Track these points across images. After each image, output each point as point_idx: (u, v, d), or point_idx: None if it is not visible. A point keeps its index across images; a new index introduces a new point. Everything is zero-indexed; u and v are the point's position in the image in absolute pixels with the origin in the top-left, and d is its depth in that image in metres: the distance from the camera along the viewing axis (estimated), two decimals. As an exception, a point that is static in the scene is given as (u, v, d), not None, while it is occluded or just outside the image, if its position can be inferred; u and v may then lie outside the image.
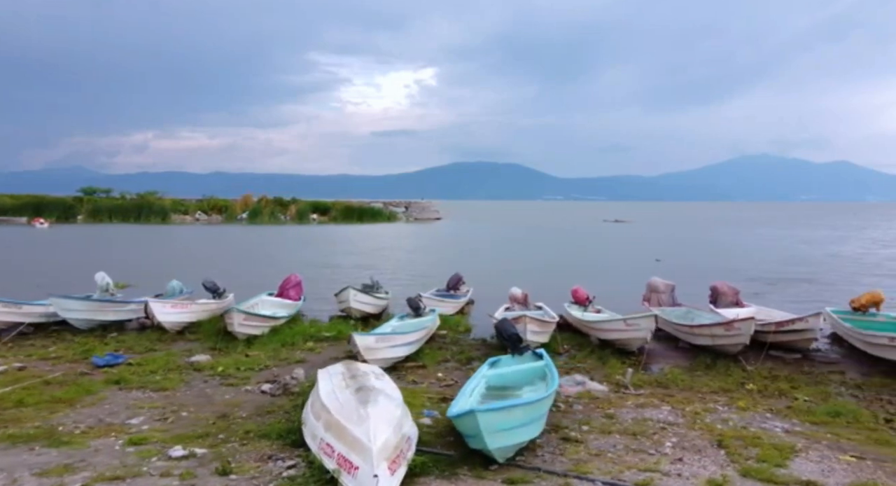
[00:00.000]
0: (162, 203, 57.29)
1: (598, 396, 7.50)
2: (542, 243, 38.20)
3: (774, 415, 6.96)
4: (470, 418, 4.83)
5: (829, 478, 5.14)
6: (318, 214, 60.03)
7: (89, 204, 54.73)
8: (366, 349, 7.81)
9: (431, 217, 67.29)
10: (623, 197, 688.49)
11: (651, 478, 5.01)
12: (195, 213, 58.44)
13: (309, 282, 15.75)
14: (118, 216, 53.12)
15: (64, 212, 52.54)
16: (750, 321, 9.02)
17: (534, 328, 9.09)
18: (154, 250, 29.81)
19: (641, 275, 14.86)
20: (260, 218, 56.63)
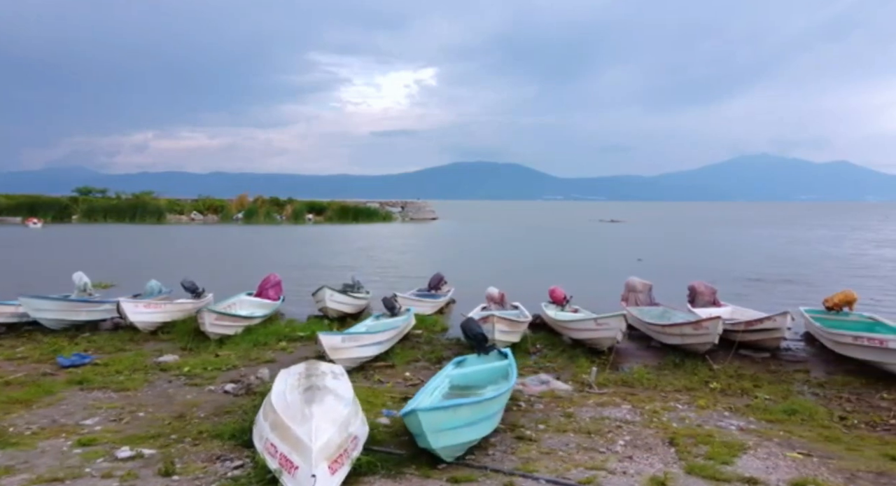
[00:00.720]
0: (157, 203, 57.34)
1: (561, 395, 7.55)
2: (534, 243, 38.29)
3: (732, 413, 7.02)
4: (413, 417, 4.87)
5: (772, 475, 5.19)
6: (313, 215, 60.09)
7: (84, 204, 54.76)
8: (332, 349, 7.85)
9: (427, 217, 67.32)
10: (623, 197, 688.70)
11: (596, 476, 5.06)
12: (191, 213, 58.52)
13: (294, 282, 15.83)
14: (113, 216, 53.18)
15: (59, 212, 52.59)
16: (717, 321, 9.08)
17: (502, 328, 9.14)
18: (143, 249, 29.85)
19: (624, 275, 14.89)
20: (255, 218, 56.71)
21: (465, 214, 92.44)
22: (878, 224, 63.54)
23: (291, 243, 34.43)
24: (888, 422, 6.71)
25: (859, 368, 8.72)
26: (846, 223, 65.08)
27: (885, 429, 6.55)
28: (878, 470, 5.37)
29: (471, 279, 17.07)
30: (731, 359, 9.32)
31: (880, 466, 5.47)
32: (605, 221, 67.74)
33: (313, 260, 24.21)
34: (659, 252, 29.84)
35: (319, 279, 14.25)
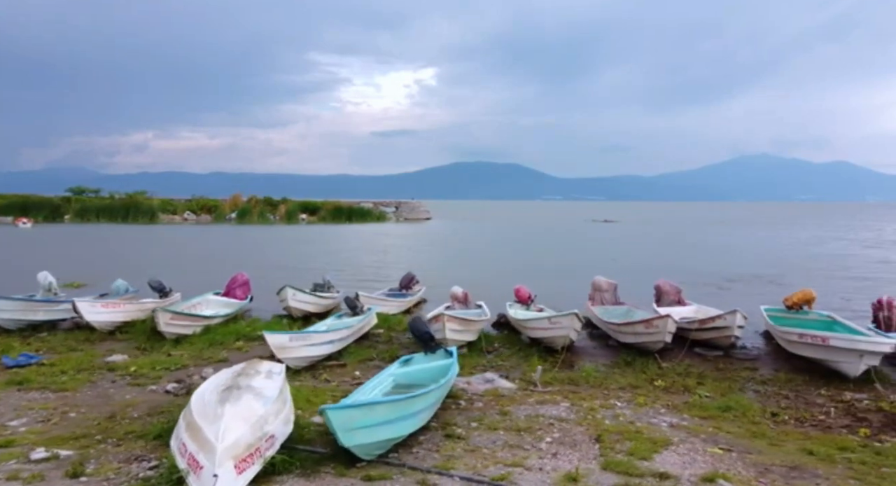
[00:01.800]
0: (150, 203, 57.38)
1: (504, 394, 7.62)
2: (522, 243, 38.39)
3: (669, 410, 7.11)
4: (324, 416, 4.92)
5: (686, 470, 5.27)
6: (307, 215, 60.15)
7: (77, 204, 54.81)
8: (279, 348, 7.92)
9: (421, 217, 67.38)
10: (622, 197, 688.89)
11: (511, 472, 5.12)
12: (184, 213, 58.57)
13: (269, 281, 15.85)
14: (106, 216, 53.21)
15: (51, 212, 52.66)
16: (666, 319, 9.17)
17: (453, 327, 9.20)
18: (128, 249, 29.90)
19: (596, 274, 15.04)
20: (248, 218, 56.79)
21: (461, 214, 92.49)
22: (874, 224, 63.43)
23: (280, 243, 34.50)
24: (817, 418, 6.81)
25: (807, 365, 8.82)
26: (842, 224, 65.02)
27: (812, 425, 6.65)
28: (791, 464, 5.46)
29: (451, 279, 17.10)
30: (682, 357, 9.44)
31: (795, 460, 5.56)
32: (598, 222, 67.79)
33: (298, 260, 24.27)
34: (643, 252, 29.94)
35: (299, 279, 14.33)
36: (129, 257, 24.44)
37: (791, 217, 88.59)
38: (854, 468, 5.39)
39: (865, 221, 71.45)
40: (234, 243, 34.90)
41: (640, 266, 21.62)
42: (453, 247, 34.64)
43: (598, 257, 27.07)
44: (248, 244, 34.25)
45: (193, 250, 29.93)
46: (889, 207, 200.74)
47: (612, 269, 20.21)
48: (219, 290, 12.87)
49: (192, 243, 34.56)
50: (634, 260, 24.97)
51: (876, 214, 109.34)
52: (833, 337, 8.11)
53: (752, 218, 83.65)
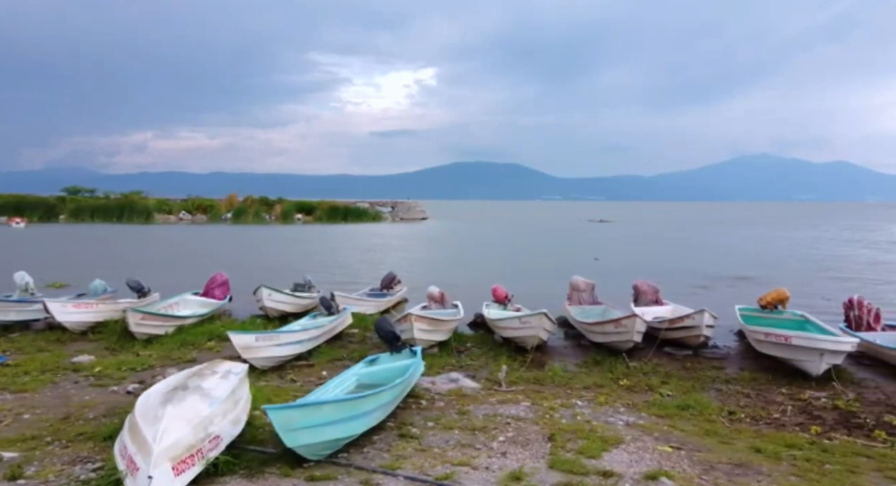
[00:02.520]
0: (145, 203, 57.44)
1: (467, 393, 7.66)
2: (515, 243, 38.44)
3: (628, 409, 7.14)
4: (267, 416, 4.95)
5: (632, 468, 5.31)
6: (303, 214, 60.21)
7: (72, 204, 54.88)
8: (244, 348, 7.95)
9: (417, 217, 67.41)
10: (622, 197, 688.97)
11: (456, 472, 5.14)
12: (179, 213, 58.64)
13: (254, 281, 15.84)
14: (101, 216, 53.30)
15: (46, 212, 52.72)
16: (634, 319, 9.21)
17: (422, 327, 9.24)
18: (118, 249, 29.95)
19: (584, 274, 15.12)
20: (244, 218, 56.88)
21: (458, 214, 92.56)
22: (872, 225, 63.32)
23: (271, 243, 34.54)
24: (772, 416, 6.85)
25: (773, 364, 8.87)
26: (839, 224, 64.96)
27: (766, 423, 6.69)
28: (737, 462, 5.51)
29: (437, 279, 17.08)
30: (651, 356, 9.48)
31: (742, 458, 5.61)
32: (594, 222, 67.89)
33: (286, 260, 24.30)
34: (634, 252, 30.01)
35: (285, 279, 14.35)
36: (117, 257, 24.49)
37: (789, 217, 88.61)
38: (798, 465, 5.44)
39: (863, 222, 71.41)
40: (225, 243, 34.97)
41: (626, 266, 21.67)
42: (445, 247, 34.69)
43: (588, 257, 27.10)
44: (239, 244, 34.32)
45: (183, 250, 29.97)
46: (889, 207, 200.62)
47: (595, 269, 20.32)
48: (198, 290, 12.89)
49: (183, 243, 34.61)
50: (623, 260, 25.05)
51: (875, 214, 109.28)
52: (795, 336, 8.17)
53: (749, 218, 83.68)
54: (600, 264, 22.16)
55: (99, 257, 24.26)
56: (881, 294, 16.46)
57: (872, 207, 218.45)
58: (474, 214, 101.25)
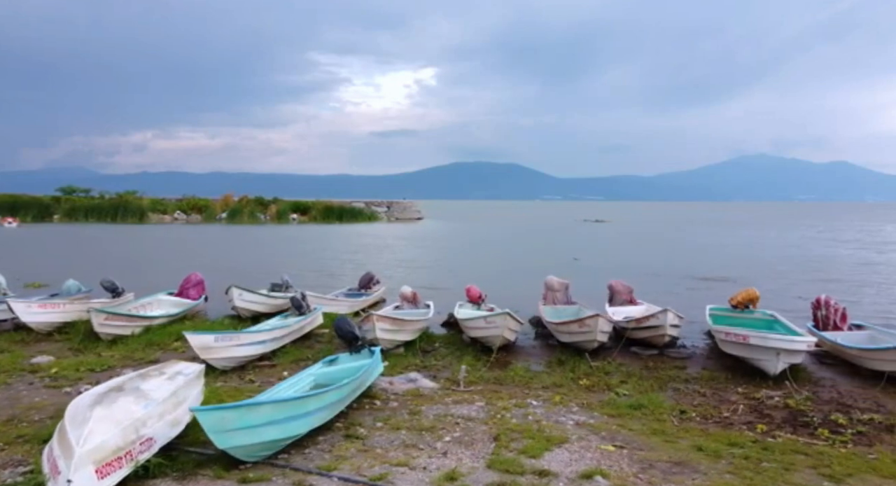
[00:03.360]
0: (139, 203, 57.48)
1: (424, 393, 7.67)
2: (507, 243, 38.44)
3: (581, 409, 7.16)
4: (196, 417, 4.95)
5: (570, 467, 5.33)
6: (298, 214, 60.22)
7: (67, 204, 54.93)
8: (202, 348, 7.95)
9: (413, 217, 67.42)
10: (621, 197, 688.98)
11: (393, 472, 5.15)
12: (174, 213, 58.66)
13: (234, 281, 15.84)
14: (95, 216, 53.32)
15: (40, 211, 52.75)
16: (597, 319, 9.22)
17: (384, 326, 9.24)
18: (107, 249, 29.94)
19: (560, 273, 15.16)
20: (239, 218, 56.91)
21: (455, 214, 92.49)
22: (869, 225, 63.08)
23: (262, 243, 34.53)
24: (721, 415, 6.87)
25: (735, 364, 8.88)
26: (836, 224, 64.80)
27: (715, 422, 6.72)
28: (677, 460, 5.54)
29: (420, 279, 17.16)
30: (616, 356, 9.50)
31: (682, 456, 5.63)
32: (589, 221, 67.90)
33: (272, 260, 24.28)
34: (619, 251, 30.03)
35: (268, 279, 14.34)
36: (103, 257, 24.49)
37: (786, 217, 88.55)
38: (735, 462, 5.47)
39: (860, 222, 71.16)
40: (214, 243, 35.00)
41: (607, 266, 21.70)
42: (435, 247, 34.68)
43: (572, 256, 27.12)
44: (228, 244, 34.37)
45: (169, 250, 29.96)
46: (888, 207, 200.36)
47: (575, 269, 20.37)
48: (173, 290, 12.90)
49: (172, 243, 34.61)
50: (605, 260, 25.09)
51: (874, 214, 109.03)
52: (753, 336, 8.19)
53: (747, 218, 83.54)
54: (580, 264, 22.20)
55: (84, 257, 24.25)
56: (862, 296, 16.49)
57: (872, 207, 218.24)
58: (472, 214, 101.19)
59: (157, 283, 14.39)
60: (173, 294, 12.78)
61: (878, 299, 16.16)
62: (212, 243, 34.90)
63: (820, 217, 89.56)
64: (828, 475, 5.22)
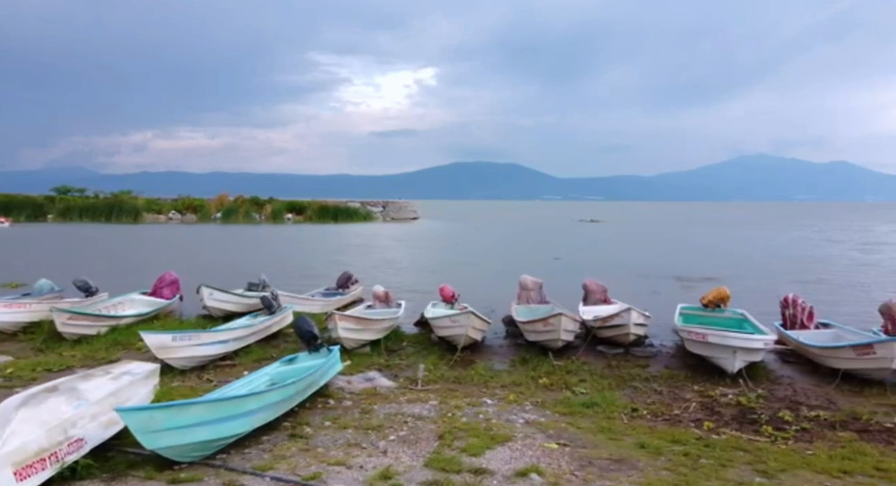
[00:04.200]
0: (134, 203, 57.44)
1: (380, 392, 7.68)
2: (495, 242, 38.40)
3: (535, 407, 7.16)
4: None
5: (507, 465, 5.35)
6: (293, 214, 60.17)
7: (61, 203, 54.90)
8: (158, 348, 7.92)
9: (408, 217, 67.37)
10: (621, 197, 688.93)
11: (328, 471, 5.13)
12: (169, 212, 58.61)
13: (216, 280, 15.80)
14: (89, 216, 53.27)
15: (34, 211, 52.72)
16: (560, 317, 9.21)
17: (347, 326, 9.23)
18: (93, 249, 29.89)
19: (541, 273, 15.21)
20: (234, 218, 56.89)
21: (452, 214, 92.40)
22: (864, 225, 62.89)
23: (252, 243, 34.51)
24: (672, 413, 6.87)
25: (698, 362, 8.87)
26: (830, 225, 64.53)
27: (665, 419, 6.72)
28: (617, 457, 5.56)
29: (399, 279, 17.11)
30: (580, 355, 9.50)
31: (624, 453, 5.65)
32: (584, 221, 67.87)
33: (257, 259, 24.25)
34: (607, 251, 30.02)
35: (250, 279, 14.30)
36: (89, 257, 24.48)
37: (784, 217, 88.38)
38: (674, 459, 5.49)
39: (857, 222, 70.92)
40: (205, 243, 34.96)
41: (588, 265, 21.69)
42: (424, 247, 34.66)
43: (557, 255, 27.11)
44: (219, 244, 34.35)
45: (159, 250, 29.90)
46: (887, 207, 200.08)
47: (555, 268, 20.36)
48: (146, 290, 12.87)
49: (163, 243, 34.54)
50: (586, 259, 25.11)
51: (872, 214, 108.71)
52: (711, 334, 8.21)
53: (744, 218, 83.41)
54: (561, 264, 22.20)
55: (69, 257, 24.20)
56: (844, 296, 16.43)
57: (871, 207, 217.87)
58: (469, 214, 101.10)
59: (140, 282, 14.35)
60: (147, 294, 12.75)
61: (860, 299, 16.10)
62: (202, 243, 34.88)
63: (818, 217, 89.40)
64: (762, 470, 5.24)
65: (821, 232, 50.47)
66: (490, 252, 31.45)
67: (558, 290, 13.80)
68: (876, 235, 45.73)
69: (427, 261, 25.86)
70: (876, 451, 5.69)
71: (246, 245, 33.17)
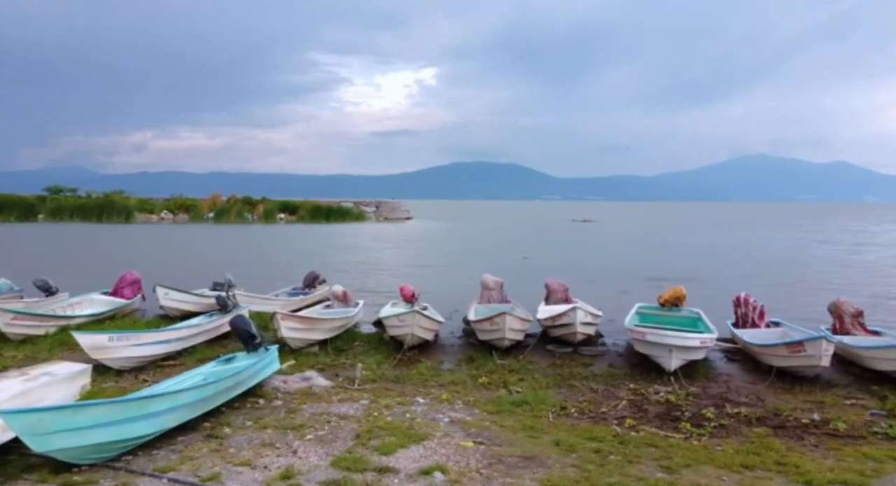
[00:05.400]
0: (126, 202, 57.40)
1: (315, 391, 7.66)
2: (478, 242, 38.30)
3: (466, 406, 7.17)
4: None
5: (415, 463, 5.35)
6: (286, 214, 60.12)
7: (52, 203, 54.87)
8: (93, 349, 7.86)
9: (401, 217, 67.30)
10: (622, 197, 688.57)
11: (228, 472, 5.09)
12: (161, 212, 58.55)
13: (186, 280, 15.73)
14: (80, 216, 53.24)
15: (24, 211, 52.70)
16: (504, 316, 9.19)
17: (290, 325, 9.19)
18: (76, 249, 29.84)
19: (510, 272, 15.28)
20: (226, 217, 56.83)
21: (448, 214, 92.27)
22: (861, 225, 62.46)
23: (238, 243, 34.48)
24: (600, 411, 6.87)
25: (643, 360, 8.84)
26: (827, 225, 64.14)
27: (590, 417, 6.74)
28: (529, 455, 5.58)
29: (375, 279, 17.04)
30: (528, 353, 9.49)
31: (537, 451, 5.68)
32: (577, 221, 67.82)
33: (235, 259, 24.22)
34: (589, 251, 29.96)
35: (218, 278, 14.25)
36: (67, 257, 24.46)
37: (782, 218, 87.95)
38: (584, 456, 5.51)
39: (854, 222, 70.48)
40: (192, 243, 34.90)
41: (557, 265, 21.69)
42: (407, 246, 34.56)
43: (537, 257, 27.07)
44: (205, 243, 34.30)
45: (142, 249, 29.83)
46: (887, 207, 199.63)
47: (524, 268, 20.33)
48: (107, 289, 12.84)
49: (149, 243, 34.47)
50: (557, 259, 25.01)
51: (871, 214, 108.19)
52: (650, 333, 8.20)
53: (741, 218, 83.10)
54: (530, 263, 22.18)
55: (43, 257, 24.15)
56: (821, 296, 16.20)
57: (870, 207, 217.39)
58: (464, 214, 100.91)
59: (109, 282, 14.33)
60: (108, 294, 12.72)
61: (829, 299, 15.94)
62: (187, 243, 34.83)
63: (815, 217, 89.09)
64: (666, 466, 5.26)
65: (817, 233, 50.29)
66: (471, 252, 31.35)
67: (526, 289, 13.80)
68: (865, 236, 45.64)
69: (407, 261, 25.80)
70: (783, 446, 5.73)
71: (231, 245, 33.17)
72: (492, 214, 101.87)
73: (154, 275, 15.34)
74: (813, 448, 5.78)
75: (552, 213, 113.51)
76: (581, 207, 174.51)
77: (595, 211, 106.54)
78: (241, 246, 32.39)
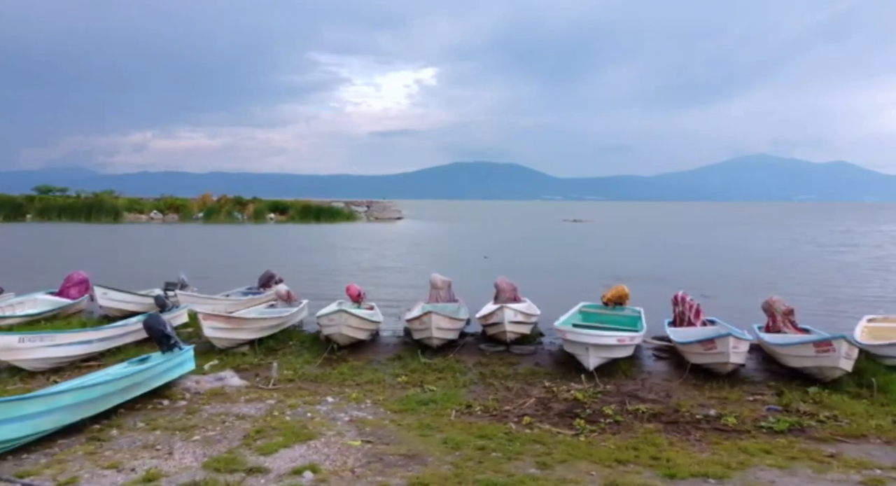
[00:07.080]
0: (115, 202, 57.34)
1: (225, 391, 7.57)
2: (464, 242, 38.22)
3: (373, 405, 7.12)
4: None
5: (291, 463, 5.32)
6: (276, 214, 60.02)
7: (40, 203, 54.83)
8: (2, 350, 7.74)
9: (392, 217, 67.21)
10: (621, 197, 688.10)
11: (89, 475, 5.00)
12: (150, 212, 58.47)
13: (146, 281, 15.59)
14: (68, 215, 53.18)
15: (13, 211, 52.66)
16: (430, 316, 9.11)
17: (214, 325, 9.09)
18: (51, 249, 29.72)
19: (467, 271, 15.17)
20: (215, 217, 56.74)
21: (442, 214, 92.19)
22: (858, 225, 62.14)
23: (222, 242, 34.41)
24: (503, 409, 6.81)
25: (569, 359, 8.72)
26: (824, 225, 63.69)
27: (492, 415, 6.69)
28: (412, 453, 5.55)
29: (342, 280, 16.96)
30: (457, 353, 9.42)
31: (422, 449, 5.66)
32: (567, 221, 67.69)
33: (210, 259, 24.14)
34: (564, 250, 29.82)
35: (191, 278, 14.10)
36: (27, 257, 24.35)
37: (780, 218, 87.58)
38: (467, 454, 5.48)
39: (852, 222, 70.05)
40: (174, 242, 34.79)
41: (517, 265, 21.67)
42: (392, 247, 34.44)
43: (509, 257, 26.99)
44: (187, 243, 34.20)
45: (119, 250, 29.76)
46: (886, 207, 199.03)
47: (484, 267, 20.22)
48: (54, 289, 12.72)
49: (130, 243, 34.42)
50: (518, 259, 24.96)
51: (871, 214, 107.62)
52: (569, 331, 8.14)
53: (739, 218, 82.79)
54: (489, 263, 22.08)
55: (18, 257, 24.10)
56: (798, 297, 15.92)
57: (870, 207, 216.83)
58: (459, 214, 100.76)
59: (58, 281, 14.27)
60: (54, 293, 12.60)
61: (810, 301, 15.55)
62: (167, 242, 34.74)
63: (813, 217, 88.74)
64: (543, 462, 5.24)
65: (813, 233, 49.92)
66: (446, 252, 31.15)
67: (480, 289, 13.67)
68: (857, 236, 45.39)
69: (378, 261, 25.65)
70: (665, 442, 5.71)
71: (208, 244, 33.06)
72: (488, 215, 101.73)
73: (111, 275, 15.30)
74: (695, 443, 5.77)
75: (548, 213, 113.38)
76: (580, 207, 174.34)
77: (591, 211, 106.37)
78: (217, 246, 32.30)
